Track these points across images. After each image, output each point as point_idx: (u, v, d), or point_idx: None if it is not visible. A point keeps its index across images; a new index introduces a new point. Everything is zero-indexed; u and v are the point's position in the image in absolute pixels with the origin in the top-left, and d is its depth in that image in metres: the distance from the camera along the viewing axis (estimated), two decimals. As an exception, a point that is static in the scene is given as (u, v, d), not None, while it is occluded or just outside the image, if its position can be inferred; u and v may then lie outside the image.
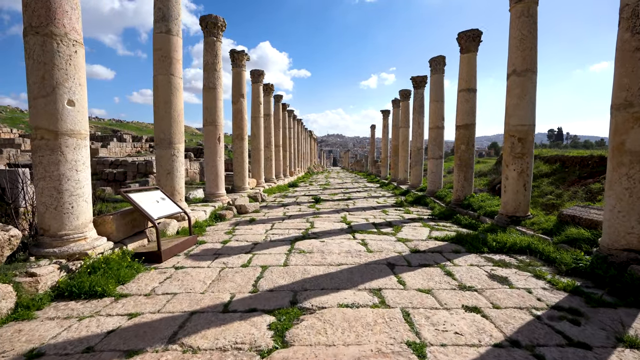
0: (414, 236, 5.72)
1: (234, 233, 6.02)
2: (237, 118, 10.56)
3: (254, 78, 12.86)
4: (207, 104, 8.17)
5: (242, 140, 10.60)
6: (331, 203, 10.17)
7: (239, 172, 10.66)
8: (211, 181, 8.31)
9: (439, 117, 10.61)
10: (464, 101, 8.17)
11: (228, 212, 7.62)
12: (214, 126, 8.20)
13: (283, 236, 5.73)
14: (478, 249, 4.79)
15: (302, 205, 9.58)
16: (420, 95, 13.07)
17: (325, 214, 8.11)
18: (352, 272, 3.84)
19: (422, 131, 13.12)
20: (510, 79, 5.89)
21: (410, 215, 8.02)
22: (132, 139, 31.65)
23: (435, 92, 10.60)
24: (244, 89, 10.63)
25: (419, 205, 9.93)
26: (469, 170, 8.26)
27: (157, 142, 5.92)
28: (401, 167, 15.75)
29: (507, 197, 5.97)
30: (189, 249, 4.97)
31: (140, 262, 4.08)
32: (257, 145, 12.89)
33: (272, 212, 8.36)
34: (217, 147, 8.24)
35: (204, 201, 8.26)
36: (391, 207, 9.57)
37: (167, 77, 5.78)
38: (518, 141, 5.82)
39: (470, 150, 8.22)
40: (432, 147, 10.76)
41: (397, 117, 17.85)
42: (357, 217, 7.61)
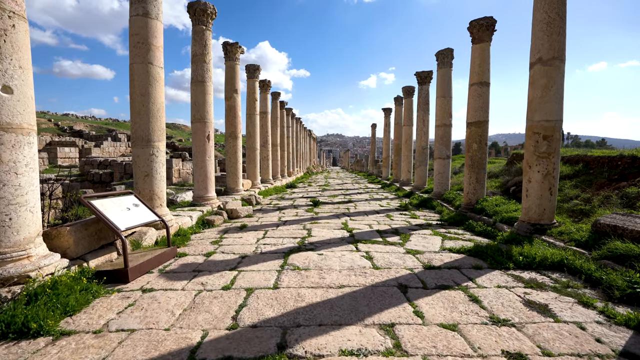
0: (425, 247, 5.02)
1: (221, 243, 5.32)
2: (230, 115, 9.86)
3: (249, 73, 12.16)
4: (196, 98, 7.48)
5: (236, 139, 9.90)
6: (331, 206, 9.48)
7: (231, 173, 9.96)
8: (200, 183, 7.62)
9: (446, 114, 9.92)
10: (476, 96, 7.47)
11: (217, 218, 6.92)
12: (202, 123, 7.50)
13: (276, 247, 5.03)
14: (502, 264, 4.10)
15: (300, 209, 8.89)
16: (425, 92, 12.38)
17: (325, 219, 7.42)
18: (357, 297, 3.15)
19: (427, 129, 12.43)
20: (534, 69, 5.20)
21: (417, 221, 7.33)
22: (127, 138, 30.89)
23: (442, 87, 9.91)
24: (238, 84, 9.94)
25: (425, 209, 9.24)
26: (481, 172, 7.57)
27: (134, 141, 5.22)
28: (404, 167, 15.06)
29: (530, 203, 5.28)
30: (166, 263, 4.27)
31: (102, 283, 3.38)
32: (253, 144, 12.19)
33: (266, 217, 7.67)
34: (206, 145, 7.54)
35: (191, 205, 7.57)
36: (395, 211, 8.87)
37: (145, 66, 5.08)
38: (543, 139, 5.13)
39: (482, 149, 7.53)
40: (439, 146, 10.07)
41: (399, 115, 17.16)
42: (360, 223, 6.91)
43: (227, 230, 6.27)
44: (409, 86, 14.75)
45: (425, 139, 12.48)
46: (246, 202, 9.37)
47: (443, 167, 10.04)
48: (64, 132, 30.41)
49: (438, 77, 10.05)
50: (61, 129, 31.15)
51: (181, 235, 5.59)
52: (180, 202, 8.03)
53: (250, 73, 12.13)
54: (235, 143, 9.90)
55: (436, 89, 10.13)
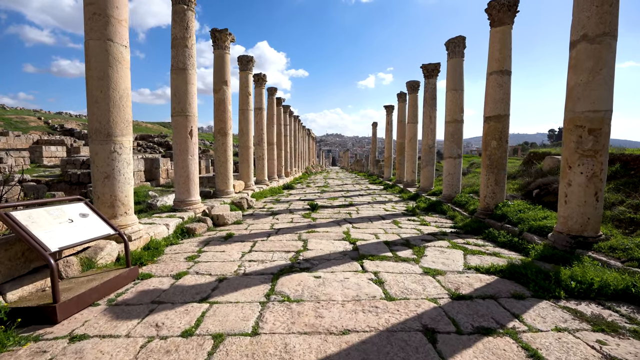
0: (446, 265, 4.12)
1: (198, 259, 4.40)
2: (219, 110, 8.94)
3: (241, 65, 11.23)
4: (176, 89, 6.55)
5: (225, 136, 8.98)
6: (330, 211, 8.56)
7: (221, 173, 9.04)
8: (181, 186, 6.69)
9: (458, 109, 9.01)
10: (495, 86, 6.56)
11: (200, 226, 6.00)
12: (183, 117, 6.58)
13: (263, 265, 4.12)
14: (549, 291, 3.20)
15: (296, 214, 7.96)
16: (432, 86, 11.47)
17: (323, 226, 6.50)
18: (368, 353, 2.23)
19: (434, 126, 11.52)
20: (577, 49, 4.28)
21: (429, 229, 6.42)
22: (119, 137, 29.96)
23: (453, 79, 9.00)
24: (228, 75, 9.01)
25: (435, 213, 8.33)
26: (500, 173, 6.66)
27: (90, 135, 4.30)
28: (408, 167, 14.16)
29: (570, 210, 4.38)
30: (121, 290, 3.36)
31: (15, 327, 2.46)
32: (246, 142, 11.26)
33: (257, 224, 6.74)
34: (187, 143, 6.62)
35: (171, 211, 6.64)
36: (402, 216, 7.96)
37: (103, 44, 4.15)
38: (588, 133, 4.22)
39: (502, 147, 6.62)
40: (449, 144, 9.17)
41: (402, 112, 16.26)
42: (364, 232, 5.99)
43: (209, 242, 5.35)
44: (413, 81, 13.84)
45: (432, 137, 11.57)
46: (236, 206, 8.44)
47: (454, 168, 9.14)
48: (55, 131, 29.43)
49: (448, 68, 9.14)
50: (52, 128, 30.18)
51: (152, 249, 4.67)
52: (161, 206, 7.11)
53: (242, 65, 11.20)
54: (225, 140, 8.97)
55: (446, 82, 9.22)
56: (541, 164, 8.72)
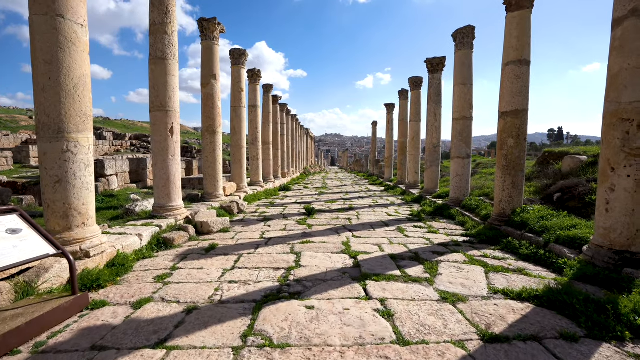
0: (467, 287, 3.41)
1: (169, 279, 3.68)
2: (207, 106, 8.21)
3: (234, 59, 10.50)
4: (155, 80, 5.82)
5: (214, 134, 8.25)
6: (328, 216, 7.83)
7: (209, 175, 8.32)
8: (160, 189, 5.96)
9: (466, 105, 8.30)
10: (513, 78, 5.86)
11: (179, 235, 5.27)
12: (163, 112, 5.85)
13: (246, 288, 3.39)
14: (608, 329, 2.49)
15: (290, 220, 7.24)
16: (437, 81, 10.76)
17: (320, 236, 5.77)
18: None
19: (439, 124, 10.82)
20: (623, 27, 3.58)
21: (439, 238, 5.70)
22: (113, 136, 29.20)
23: (461, 72, 8.29)
24: (217, 68, 8.29)
25: (443, 219, 7.63)
26: (518, 175, 5.95)
27: (39, 131, 3.57)
28: (410, 168, 13.45)
29: (613, 221, 3.67)
30: (60, 326, 2.63)
31: None
32: (238, 141, 10.53)
33: (245, 233, 6.02)
34: (168, 141, 5.89)
35: (150, 217, 5.91)
36: (408, 221, 7.24)
37: (51, 21, 3.42)
38: (638, 129, 3.51)
39: (520, 146, 5.91)
40: (458, 143, 8.46)
41: (404, 110, 15.55)
42: (365, 243, 5.28)
43: (187, 255, 4.63)
44: (416, 77, 13.13)
45: (436, 136, 10.86)
46: (225, 210, 7.72)
47: (462, 169, 8.42)
48: (46, 130, 28.58)
49: (456, 60, 8.43)
50: (43, 127, 29.37)
51: (117, 266, 3.95)
52: (140, 212, 6.39)
53: (235, 59, 10.47)
54: (213, 139, 8.24)
55: (454, 76, 8.51)
56: (559, 164, 8.02)
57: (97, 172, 9.30)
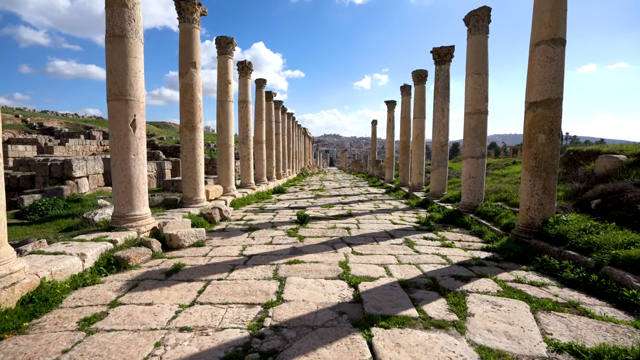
0: (514, 338, 2.41)
1: (99, 323, 2.66)
2: (185, 98, 7.19)
3: (220, 48, 9.48)
4: (113, 63, 4.80)
5: (194, 131, 7.22)
6: (324, 225, 6.82)
7: (188, 177, 7.29)
8: (120, 195, 4.94)
9: (481, 97, 7.30)
10: (544, 61, 4.86)
11: (137, 253, 4.26)
12: (123, 101, 4.82)
13: (199, 344, 2.37)
14: None
15: (279, 230, 6.22)
16: (445, 73, 9.77)
17: (312, 252, 4.75)
18: None
19: (446, 121, 9.82)
20: None
21: (456, 254, 4.70)
22: (102, 135, 28.10)
23: (475, 60, 7.29)
24: (197, 55, 7.26)
25: (455, 227, 6.64)
26: (550, 177, 4.96)
27: None
28: (414, 169, 12.45)
29: None
30: None
31: None
32: (225, 139, 9.51)
33: (222, 248, 5.00)
34: (129, 137, 4.87)
35: (106, 229, 4.88)
36: (415, 231, 6.24)
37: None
38: None
39: (554, 143, 4.91)
40: (471, 141, 7.46)
41: (406, 107, 14.56)
42: (368, 262, 4.26)
43: (140, 281, 3.61)
44: (420, 70, 12.14)
45: (444, 134, 9.87)
46: (205, 218, 6.70)
47: (476, 170, 7.42)
48: (33, 129, 27.54)
49: (469, 47, 7.43)
50: (29, 126, 28.31)
51: (37, 301, 2.94)
52: (100, 222, 5.36)
53: (221, 48, 9.45)
54: (193, 136, 7.22)
55: (466, 65, 7.52)
56: (590, 165, 7.03)
57: (64, 174, 8.26)
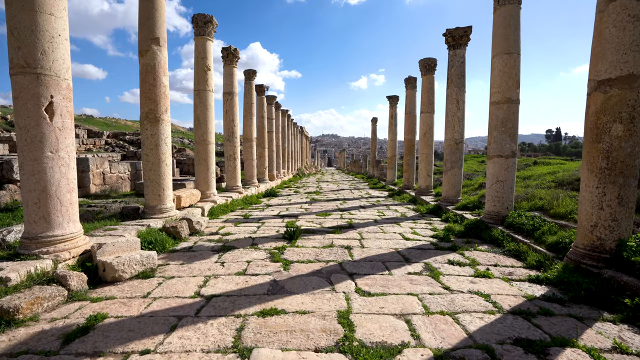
0: None
1: None
2: (146, 82, 5.77)
3: (197, 28, 8.07)
4: (13, 20, 3.38)
5: (157, 123, 5.82)
6: (318, 241, 5.43)
7: (151, 180, 5.88)
8: (31, 208, 3.53)
9: (511, 82, 5.93)
10: (624, 21, 3.50)
11: (41, 296, 2.86)
12: (32, 76, 3.41)
13: None
14: None
15: (260, 250, 4.83)
16: (460, 59, 8.40)
17: (299, 291, 3.34)
18: None
19: (462, 114, 8.46)
20: None
21: (502, 292, 3.33)
22: (87, 134, 26.59)
23: (505, 36, 5.92)
24: (162, 29, 5.85)
25: (482, 243, 5.31)
26: (629, 184, 3.60)
27: None
28: (422, 170, 11.08)
29: None
30: None
31: None
32: (204, 136, 8.11)
33: (174, 282, 3.60)
34: (42, 127, 3.46)
35: (7, 258, 3.47)
36: (434, 249, 4.87)
37: None
38: None
39: (635, 137, 3.55)
40: (499, 136, 6.09)
41: (411, 101, 13.19)
42: (381, 312, 2.87)
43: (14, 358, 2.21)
44: (428, 58, 10.76)
45: (459, 129, 8.51)
46: (168, 233, 5.30)
47: (505, 172, 6.05)
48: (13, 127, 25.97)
49: (497, 20, 6.05)
50: (9, 124, 26.73)
51: None
52: (15, 242, 3.95)
53: (198, 27, 8.03)
54: (156, 130, 5.81)
55: (492, 43, 6.15)
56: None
57: (4, 177, 6.82)
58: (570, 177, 6.80)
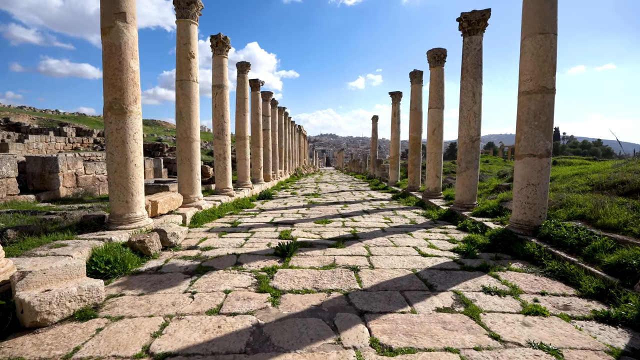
0: None
1: None
2: (109, 65, 4.79)
3: (180, 10, 7.08)
4: None
5: (124, 115, 4.84)
6: (316, 261, 4.47)
7: (117, 183, 4.91)
8: None
9: (546, 67, 4.99)
10: None
11: None
12: None
13: None
14: None
15: (244, 274, 3.87)
16: (477, 46, 7.46)
17: (292, 350, 2.40)
18: None
19: (478, 108, 7.53)
20: None
21: (569, 339, 2.39)
22: (75, 132, 25.52)
23: (540, 13, 4.97)
24: (130, 2, 4.87)
25: (514, 259, 4.39)
26: None
27: None
28: (430, 171, 10.14)
29: None
30: None
31: None
32: (187, 132, 7.14)
33: (121, 327, 2.63)
34: None
35: None
36: (462, 271, 3.92)
37: None
38: None
39: None
40: (530, 131, 5.15)
41: (417, 96, 12.25)
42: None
43: None
44: (438, 49, 9.82)
45: (475, 125, 7.57)
46: (134, 249, 4.33)
47: (538, 174, 5.11)
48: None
49: (529, -5, 5.09)
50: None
51: None
52: None
53: (181, 10, 7.05)
54: (123, 123, 4.84)
55: (523, 24, 5.21)
56: None
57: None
58: (611, 179, 5.87)
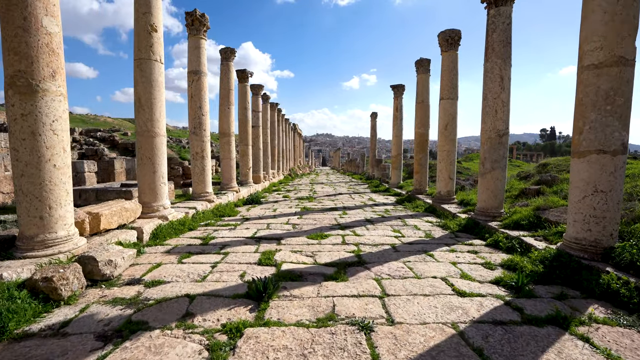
0: None
1: None
2: (10, 22, 3.35)
3: (137, -29, 5.63)
4: None
5: (34, 96, 3.41)
6: (307, 309, 3.08)
7: (28, 192, 3.48)
8: None
9: (626, 30, 3.63)
10: None
11: None
12: None
13: None
14: None
15: (187, 343, 2.47)
16: (505, 20, 6.10)
17: None
18: None
19: (506, 97, 6.17)
20: None
21: None
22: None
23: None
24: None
25: (587, 298, 3.03)
26: None
27: None
28: (442, 171, 8.78)
29: None
30: None
31: None
32: (147, 125, 5.71)
33: None
34: None
35: None
36: (522, 322, 2.54)
37: None
38: None
39: None
40: (600, 119, 3.79)
41: (424, 87, 10.89)
42: None
43: None
44: (451, 30, 8.45)
45: (503, 116, 6.21)
46: (36, 291, 2.90)
47: (609, 177, 3.76)
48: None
49: None
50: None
51: None
52: None
53: (139, -30, 5.61)
54: (31, 107, 3.41)
55: (586, -28, 3.85)
56: None
57: None
58: None
